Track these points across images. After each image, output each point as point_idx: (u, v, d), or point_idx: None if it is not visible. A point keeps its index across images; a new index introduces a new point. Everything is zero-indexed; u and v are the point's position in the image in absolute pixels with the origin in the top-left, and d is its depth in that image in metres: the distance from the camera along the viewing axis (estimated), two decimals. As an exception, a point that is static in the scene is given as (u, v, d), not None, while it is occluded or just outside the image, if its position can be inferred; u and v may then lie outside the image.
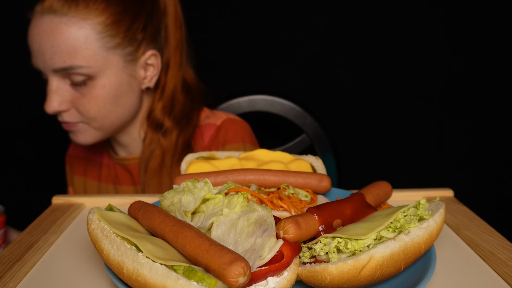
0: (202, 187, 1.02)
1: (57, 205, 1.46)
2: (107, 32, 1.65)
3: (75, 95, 1.69)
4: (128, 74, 1.73)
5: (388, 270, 0.89)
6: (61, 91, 1.68)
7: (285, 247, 0.86)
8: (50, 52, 1.62)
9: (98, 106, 1.70)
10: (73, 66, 1.62)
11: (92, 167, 2.09)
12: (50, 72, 1.66)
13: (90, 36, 1.63)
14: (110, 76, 1.68)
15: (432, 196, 1.50)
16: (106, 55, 1.66)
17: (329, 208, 0.99)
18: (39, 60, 1.67)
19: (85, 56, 1.63)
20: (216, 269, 0.78)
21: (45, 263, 1.11)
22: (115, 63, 1.69)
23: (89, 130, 1.77)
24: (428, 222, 0.97)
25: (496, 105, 2.73)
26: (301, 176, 1.26)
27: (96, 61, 1.64)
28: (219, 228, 0.90)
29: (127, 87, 1.75)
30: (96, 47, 1.64)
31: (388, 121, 2.75)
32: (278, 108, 2.29)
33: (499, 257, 1.11)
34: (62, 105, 1.69)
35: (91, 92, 1.67)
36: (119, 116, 1.78)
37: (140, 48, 1.74)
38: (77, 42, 1.61)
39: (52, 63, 1.63)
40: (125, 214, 1.03)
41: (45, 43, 1.62)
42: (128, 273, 0.85)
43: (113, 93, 1.71)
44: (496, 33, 2.63)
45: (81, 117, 1.73)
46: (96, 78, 1.66)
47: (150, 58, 1.77)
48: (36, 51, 1.66)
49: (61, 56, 1.61)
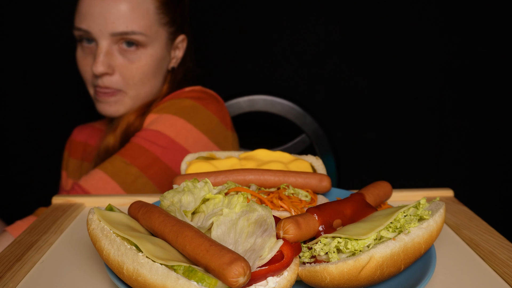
0: (202, 187, 1.02)
1: (57, 205, 1.46)
2: (162, 9, 1.87)
3: (123, 61, 1.83)
4: (167, 50, 1.95)
5: (388, 270, 0.89)
6: (110, 55, 1.82)
7: (285, 247, 0.86)
8: (114, 16, 1.77)
9: (143, 73, 1.86)
10: (134, 31, 1.80)
11: (91, 151, 2.14)
12: (105, 36, 1.79)
13: (151, 9, 1.84)
14: (157, 48, 1.88)
15: (432, 196, 1.50)
16: (158, 29, 1.87)
17: (329, 208, 0.99)
18: (97, 23, 1.78)
19: (144, 25, 1.81)
20: (216, 269, 0.78)
21: (45, 263, 1.11)
22: (162, 38, 1.90)
23: (124, 100, 1.89)
24: (428, 222, 0.97)
25: (496, 105, 2.73)
26: (301, 176, 1.26)
27: (151, 31, 1.84)
28: (219, 228, 0.90)
29: (164, 62, 1.95)
30: (153, 20, 1.84)
31: (388, 121, 2.75)
32: (278, 108, 2.29)
33: (499, 257, 1.11)
34: (109, 68, 1.82)
35: (140, 59, 1.84)
36: (152, 88, 1.93)
37: (177, 31, 1.96)
38: (141, 11, 1.80)
39: (113, 26, 1.77)
40: (125, 214, 1.03)
41: (110, 8, 1.77)
42: (128, 273, 0.85)
43: (156, 64, 1.89)
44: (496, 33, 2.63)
45: (122, 84, 1.86)
46: (147, 47, 1.85)
47: (180, 42, 1.99)
48: (96, 15, 1.77)
49: (124, 21, 1.78)
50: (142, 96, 1.92)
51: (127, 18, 1.78)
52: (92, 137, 2.20)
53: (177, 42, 1.98)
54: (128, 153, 1.77)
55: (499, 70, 2.68)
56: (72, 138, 2.27)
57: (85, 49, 1.88)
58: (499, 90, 2.71)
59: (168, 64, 1.98)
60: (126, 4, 1.78)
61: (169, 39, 1.93)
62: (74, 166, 2.19)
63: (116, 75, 1.84)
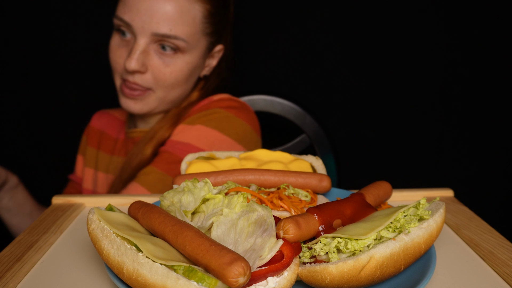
0: (202, 187, 1.02)
1: (57, 205, 1.46)
2: (208, 19, 1.84)
3: (158, 62, 1.80)
4: (203, 59, 1.92)
5: (388, 270, 0.89)
6: (146, 54, 1.78)
7: (285, 247, 0.86)
8: (161, 17, 1.72)
9: (176, 78, 1.83)
10: (177, 36, 1.76)
11: (107, 141, 2.13)
12: (146, 34, 1.75)
13: (198, 18, 1.80)
14: (195, 56, 1.85)
15: (432, 196, 1.50)
16: (200, 38, 1.84)
17: (329, 208, 1.00)
18: (141, 19, 1.73)
19: (188, 32, 1.78)
20: (216, 269, 0.78)
21: (45, 263, 1.11)
22: (202, 48, 1.87)
23: (151, 99, 1.86)
24: (428, 222, 0.97)
25: (497, 105, 2.73)
26: (301, 176, 1.26)
27: (193, 39, 1.81)
28: (219, 228, 0.90)
29: (198, 70, 1.93)
30: (198, 28, 1.81)
31: (388, 121, 2.75)
32: (278, 108, 2.29)
33: (499, 257, 1.11)
34: (143, 66, 1.78)
35: (176, 64, 1.81)
36: (181, 92, 1.91)
37: (217, 41, 1.94)
38: (187, 18, 1.76)
39: (157, 26, 1.73)
40: (125, 214, 1.03)
41: (158, 7, 1.72)
42: (128, 273, 0.85)
43: (190, 71, 1.87)
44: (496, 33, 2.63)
45: (152, 83, 1.82)
46: (185, 53, 1.81)
47: (218, 51, 1.98)
48: (143, 11, 1.73)
49: (169, 24, 1.74)
50: (169, 99, 1.90)
51: (173, 21, 1.74)
52: (110, 126, 2.17)
53: (214, 51, 1.95)
54: (163, 164, 1.77)
55: (499, 70, 2.68)
56: (90, 124, 2.24)
57: (121, 40, 1.84)
58: (499, 90, 2.71)
59: (200, 71, 1.96)
60: (174, 6, 1.74)
61: (208, 48, 1.91)
62: (91, 154, 2.16)
63: (148, 74, 1.81)
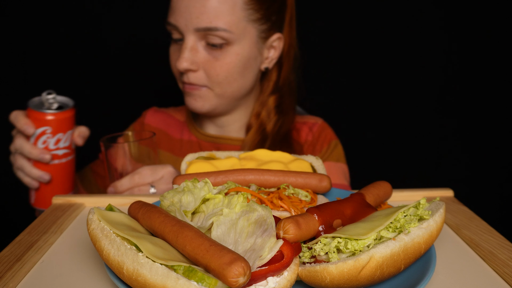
0: (202, 187, 1.02)
1: (57, 205, 1.46)
2: (252, 5, 1.76)
3: (207, 57, 1.77)
4: (257, 49, 1.85)
5: (388, 270, 0.89)
6: (195, 51, 1.77)
7: (285, 247, 0.86)
8: (199, 11, 1.70)
9: (228, 72, 1.79)
10: (218, 28, 1.71)
11: (169, 141, 2.11)
12: (190, 31, 1.74)
13: (238, 5, 1.74)
14: (244, 46, 1.79)
15: (432, 196, 1.50)
16: (246, 26, 1.77)
17: (329, 208, 0.99)
18: (183, 17, 1.73)
19: (229, 21, 1.72)
20: (216, 269, 0.78)
21: (45, 263, 1.11)
22: (251, 36, 1.80)
23: (210, 97, 1.85)
24: (428, 222, 0.97)
25: (496, 105, 2.73)
26: (301, 176, 1.26)
27: (237, 28, 1.74)
28: (219, 228, 0.90)
29: (254, 61, 1.86)
30: (240, 16, 1.75)
31: (388, 121, 2.75)
32: (278, 108, 2.28)
33: (499, 257, 1.11)
34: (193, 64, 1.77)
35: (225, 57, 1.76)
36: (239, 87, 1.87)
37: (271, 29, 1.86)
38: (226, 7, 1.71)
39: (197, 22, 1.71)
40: (125, 214, 1.03)
41: (195, 2, 1.71)
42: (128, 273, 0.85)
43: (243, 63, 1.81)
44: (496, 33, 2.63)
45: (206, 81, 1.81)
46: (233, 44, 1.76)
47: (276, 40, 1.90)
48: (183, 9, 1.73)
49: (208, 17, 1.70)
50: (229, 95, 1.87)
51: (212, 13, 1.70)
52: (170, 125, 2.16)
53: (271, 40, 1.88)
54: None
55: (499, 70, 2.68)
56: (145, 121, 2.20)
57: (175, 45, 1.86)
58: (499, 90, 2.71)
59: (260, 64, 1.91)
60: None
61: (260, 37, 1.84)
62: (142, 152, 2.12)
63: (201, 71, 1.80)
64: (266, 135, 1.96)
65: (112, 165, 1.64)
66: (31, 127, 1.59)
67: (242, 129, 2.06)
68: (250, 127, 2.00)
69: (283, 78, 1.99)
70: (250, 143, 1.95)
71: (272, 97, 1.98)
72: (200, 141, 2.07)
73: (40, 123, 1.60)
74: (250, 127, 2.00)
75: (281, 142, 1.95)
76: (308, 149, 2.04)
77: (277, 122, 1.97)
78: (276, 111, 1.98)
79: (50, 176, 1.67)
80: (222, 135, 2.06)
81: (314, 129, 2.08)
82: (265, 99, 1.99)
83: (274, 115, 1.97)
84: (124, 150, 1.62)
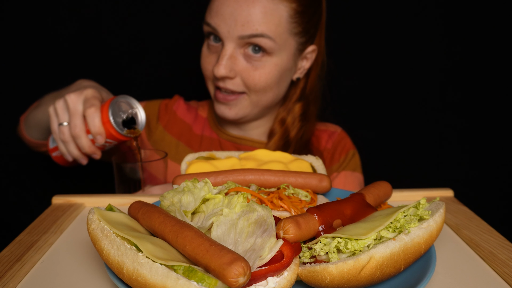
0: (202, 187, 1.02)
1: (57, 205, 1.46)
2: (295, 18, 1.77)
3: (246, 66, 1.77)
4: (293, 61, 1.86)
5: (388, 270, 0.89)
6: (234, 58, 1.76)
7: (285, 247, 0.86)
8: (245, 19, 1.69)
9: (266, 81, 1.79)
10: (263, 34, 1.71)
11: (191, 136, 2.10)
12: (232, 38, 1.73)
13: (283, 17, 1.74)
14: (283, 57, 1.80)
15: (432, 196, 1.50)
16: (288, 38, 1.78)
17: (329, 208, 1.00)
18: (226, 24, 1.72)
19: (275, 31, 1.72)
20: (216, 269, 0.78)
21: (45, 263, 1.11)
22: (291, 48, 1.81)
23: (245, 105, 1.86)
24: (428, 222, 0.97)
25: (496, 105, 2.73)
26: (301, 176, 1.26)
27: (280, 40, 1.75)
28: (219, 228, 0.90)
29: (289, 72, 1.88)
30: (285, 28, 1.75)
31: (388, 121, 2.75)
32: (278, 108, 2.28)
33: (499, 257, 1.11)
34: (231, 72, 1.77)
35: (265, 66, 1.77)
36: (274, 96, 1.88)
37: (308, 41, 1.87)
38: (273, 17, 1.71)
39: (242, 29, 1.70)
40: (125, 214, 1.03)
41: (242, 10, 1.69)
42: (128, 273, 0.85)
43: (280, 73, 1.82)
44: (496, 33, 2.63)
45: (244, 87, 1.81)
46: (273, 55, 1.76)
47: (310, 52, 1.91)
48: (227, 15, 1.71)
49: (254, 24, 1.70)
50: (262, 103, 1.88)
51: (258, 21, 1.69)
52: (194, 121, 2.15)
53: (306, 52, 1.90)
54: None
55: (499, 70, 2.68)
56: (174, 108, 2.18)
57: (211, 47, 1.84)
58: (499, 90, 2.71)
59: (292, 74, 1.92)
60: (259, 8, 1.69)
61: (298, 50, 1.85)
62: (171, 142, 2.11)
63: (238, 79, 1.79)
64: (289, 142, 1.97)
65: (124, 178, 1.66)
66: (102, 138, 1.57)
67: (264, 134, 2.07)
68: (272, 132, 2.01)
69: (310, 86, 2.00)
70: (273, 149, 1.95)
71: (298, 104, 1.99)
72: (220, 139, 2.07)
73: (110, 137, 1.58)
74: (273, 132, 2.00)
75: (302, 148, 1.96)
76: (327, 157, 2.06)
77: (300, 129, 1.98)
78: (300, 118, 1.99)
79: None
80: (244, 136, 2.06)
81: (334, 137, 2.11)
82: (291, 106, 1.99)
83: (298, 122, 1.98)
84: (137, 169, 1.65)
